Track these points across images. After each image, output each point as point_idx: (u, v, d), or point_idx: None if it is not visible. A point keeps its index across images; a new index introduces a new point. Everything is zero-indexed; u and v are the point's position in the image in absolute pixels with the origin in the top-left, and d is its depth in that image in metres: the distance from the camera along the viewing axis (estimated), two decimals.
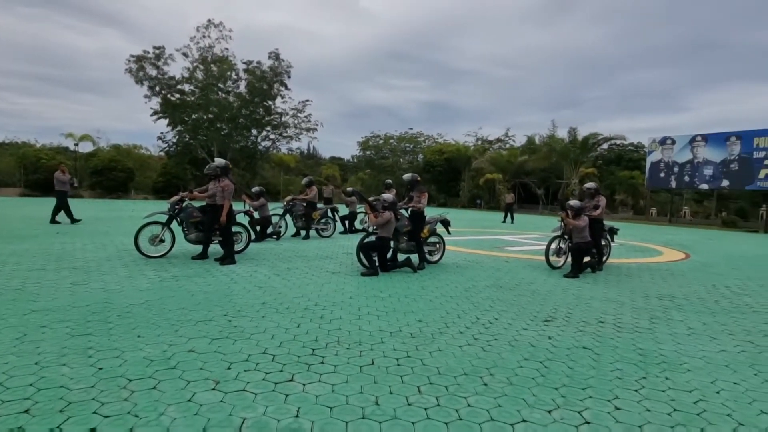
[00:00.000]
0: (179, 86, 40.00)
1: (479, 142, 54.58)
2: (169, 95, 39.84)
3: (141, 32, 79.71)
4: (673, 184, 31.45)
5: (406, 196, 8.44)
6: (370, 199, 7.83)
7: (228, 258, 7.50)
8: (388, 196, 7.60)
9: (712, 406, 3.04)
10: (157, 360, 3.35)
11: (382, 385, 3.12)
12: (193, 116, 40.91)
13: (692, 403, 3.07)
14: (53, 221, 13.10)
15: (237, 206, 8.66)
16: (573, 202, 8.19)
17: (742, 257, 11.67)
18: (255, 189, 11.35)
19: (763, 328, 4.90)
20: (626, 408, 2.95)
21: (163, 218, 8.00)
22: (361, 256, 7.40)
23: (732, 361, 3.86)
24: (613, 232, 9.45)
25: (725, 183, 29.01)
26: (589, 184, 8.94)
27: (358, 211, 14.34)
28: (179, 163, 42.56)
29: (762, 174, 27.27)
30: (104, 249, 8.51)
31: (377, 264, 7.30)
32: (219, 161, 7.92)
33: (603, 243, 8.86)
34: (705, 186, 30.35)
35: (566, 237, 8.47)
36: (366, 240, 7.52)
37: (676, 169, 30.98)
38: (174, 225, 8.00)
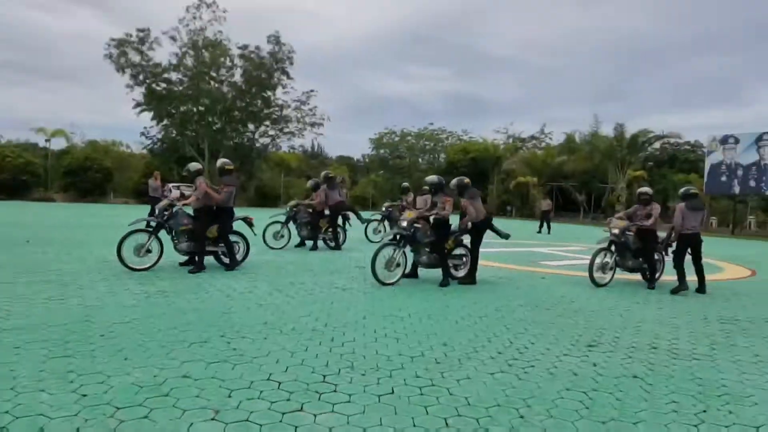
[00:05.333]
0: (166, 74, 40.34)
1: (510, 140, 54.48)
2: (154, 84, 40.22)
3: (122, 12, 79.62)
4: (737, 189, 31.08)
5: (429, 202, 8.55)
6: (385, 206, 7.90)
7: (197, 265, 8.12)
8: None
9: None
10: (147, 386, 3.43)
11: (403, 416, 3.16)
12: (182, 109, 41.28)
13: None
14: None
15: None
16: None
17: None
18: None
19: None
20: None
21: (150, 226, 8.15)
22: (378, 268, 7.50)
23: None
24: (667, 245, 9.41)
25: None
26: (644, 189, 9.01)
27: (372, 218, 14.27)
28: (165, 162, 42.80)
29: None
30: (81, 260, 8.68)
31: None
32: (223, 161, 8.86)
33: (656, 257, 8.88)
34: None
35: (613, 250, 8.54)
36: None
37: (739, 173, 30.56)
38: (162, 233, 8.12)
